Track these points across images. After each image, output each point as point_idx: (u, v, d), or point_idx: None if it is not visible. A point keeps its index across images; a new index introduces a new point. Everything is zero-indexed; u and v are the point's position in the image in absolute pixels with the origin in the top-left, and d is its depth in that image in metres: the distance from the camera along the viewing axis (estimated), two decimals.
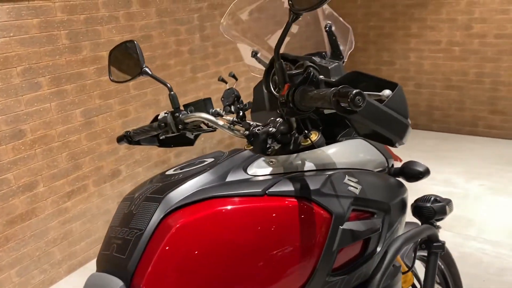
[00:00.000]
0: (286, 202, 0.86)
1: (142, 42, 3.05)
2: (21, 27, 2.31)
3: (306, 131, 1.07)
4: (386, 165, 1.16)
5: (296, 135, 1.09)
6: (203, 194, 0.85)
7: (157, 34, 3.17)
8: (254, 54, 1.38)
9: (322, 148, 1.03)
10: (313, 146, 1.04)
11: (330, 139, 1.11)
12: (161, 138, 1.31)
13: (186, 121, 1.16)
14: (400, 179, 1.18)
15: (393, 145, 0.90)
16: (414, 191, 1.39)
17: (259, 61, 1.37)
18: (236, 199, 0.85)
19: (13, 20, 2.27)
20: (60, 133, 2.58)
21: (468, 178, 3.51)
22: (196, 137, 1.35)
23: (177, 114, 1.18)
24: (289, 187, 0.88)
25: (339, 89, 0.74)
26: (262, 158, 0.97)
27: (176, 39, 3.35)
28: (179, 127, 1.19)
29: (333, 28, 1.21)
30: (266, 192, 0.87)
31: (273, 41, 1.37)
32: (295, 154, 1.00)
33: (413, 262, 1.19)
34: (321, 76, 0.93)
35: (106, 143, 2.87)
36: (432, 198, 1.20)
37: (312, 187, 0.90)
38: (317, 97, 0.81)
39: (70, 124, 2.62)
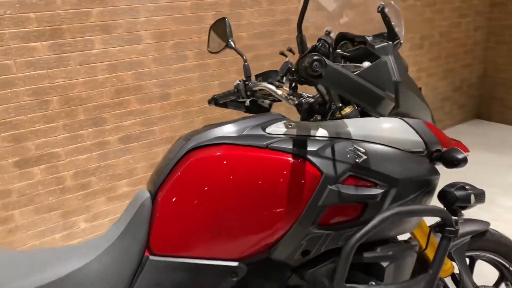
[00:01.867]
0: (282, 156, 1.00)
1: (281, 25, 3.30)
2: (176, 7, 2.80)
3: (340, 104, 1.16)
4: (424, 148, 1.16)
5: (334, 107, 1.18)
6: (219, 140, 1.04)
7: (295, 19, 3.38)
8: (328, 33, 1.48)
9: (345, 120, 1.11)
10: (343, 118, 1.13)
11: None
12: (246, 104, 1.52)
13: (254, 89, 1.34)
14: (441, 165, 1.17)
15: (374, 115, 0.94)
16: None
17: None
18: (242, 148, 1.02)
19: (170, 2, 2.76)
20: (199, 100, 3.03)
21: None
22: (270, 105, 1.52)
23: (247, 82, 1.37)
24: (288, 145, 1.01)
25: (304, 55, 0.84)
26: (283, 121, 1.10)
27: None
28: (248, 94, 1.38)
29: (386, 10, 1.24)
30: (268, 146, 1.01)
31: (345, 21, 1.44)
32: (313, 121, 1.11)
33: (427, 243, 1.17)
34: (338, 50, 1.01)
35: (237, 113, 3.23)
36: (460, 185, 1.15)
37: (309, 148, 1.00)
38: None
39: (208, 93, 3.06)
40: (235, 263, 1.00)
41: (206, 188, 0.98)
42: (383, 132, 1.11)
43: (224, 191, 0.98)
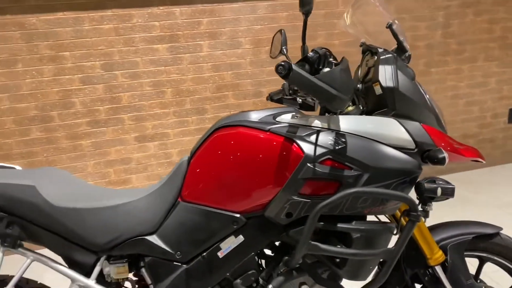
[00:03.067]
0: (277, 138, 1.33)
1: None
2: (273, 18, 3.22)
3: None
4: (414, 146, 1.35)
5: None
6: (238, 122, 1.41)
7: None
8: (361, 44, 1.70)
9: (342, 116, 1.38)
10: (344, 114, 1.41)
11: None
12: (298, 102, 1.83)
13: (294, 88, 1.66)
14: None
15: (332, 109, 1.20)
16: None
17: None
18: (251, 129, 1.37)
19: (268, 13, 3.20)
20: None
21: None
22: (314, 104, 1.82)
23: None
24: (284, 130, 1.33)
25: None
26: (292, 113, 1.42)
27: (413, 35, 3.61)
28: (290, 92, 1.72)
29: (394, 26, 1.46)
30: (270, 129, 1.35)
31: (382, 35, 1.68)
32: (316, 115, 1.41)
33: (398, 226, 1.36)
34: (331, 59, 1.29)
35: None
36: (432, 179, 1.33)
37: (299, 134, 1.31)
38: None
39: None
40: (237, 215, 1.36)
41: (221, 156, 1.37)
42: (370, 128, 1.35)
43: (233, 159, 1.35)
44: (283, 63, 1.14)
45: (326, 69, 1.22)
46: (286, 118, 1.39)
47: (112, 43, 2.96)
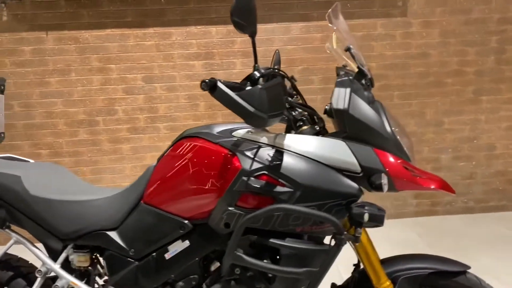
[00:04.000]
0: (223, 150, 1.40)
1: (416, 58, 3.38)
2: (307, 38, 3.28)
3: (301, 123, 1.47)
4: (360, 170, 1.35)
5: (300, 124, 1.50)
6: (198, 134, 1.51)
7: (436, 53, 3.40)
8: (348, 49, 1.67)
9: (294, 135, 1.42)
10: (299, 133, 1.45)
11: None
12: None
13: None
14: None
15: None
16: None
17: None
18: (205, 141, 1.46)
19: (302, 34, 3.26)
20: None
21: None
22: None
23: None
24: (230, 144, 1.41)
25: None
26: (248, 129, 1.49)
27: (460, 60, 3.43)
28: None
29: (352, 51, 1.46)
30: (218, 142, 1.43)
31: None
32: (265, 132, 1.46)
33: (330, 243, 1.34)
34: (275, 79, 1.34)
35: None
36: (362, 204, 1.30)
37: (241, 148, 1.38)
38: None
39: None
40: (185, 221, 1.46)
41: (175, 164, 1.48)
42: (314, 149, 1.36)
43: (183, 167, 1.45)
44: (207, 80, 1.22)
45: (248, 87, 1.27)
46: (241, 132, 1.46)
47: (153, 58, 3.24)
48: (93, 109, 3.31)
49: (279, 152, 1.35)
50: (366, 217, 1.28)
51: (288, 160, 1.34)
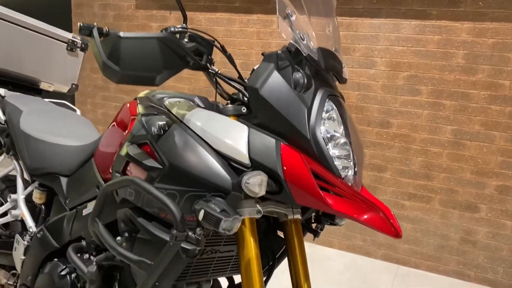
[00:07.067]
0: (133, 113, 1.30)
1: None
2: (420, 40, 2.73)
3: (228, 101, 1.26)
4: (247, 162, 1.07)
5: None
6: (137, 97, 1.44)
7: None
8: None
9: (201, 109, 1.21)
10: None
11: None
12: None
13: None
14: None
15: None
16: None
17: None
18: (133, 103, 1.38)
19: (414, 34, 2.73)
20: (423, 140, 2.83)
21: None
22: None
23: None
24: (143, 107, 1.29)
25: None
26: (179, 99, 1.33)
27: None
28: None
29: (292, 18, 1.13)
30: (140, 106, 1.33)
31: None
32: (194, 106, 1.27)
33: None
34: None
35: (471, 172, 2.75)
36: (217, 202, 0.99)
37: (144, 112, 1.25)
38: None
39: (436, 136, 2.79)
40: (102, 181, 1.41)
41: (112, 122, 1.44)
42: (209, 128, 1.11)
43: (111, 127, 1.41)
44: (86, 24, 1.12)
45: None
46: (172, 101, 1.35)
47: (252, 45, 3.21)
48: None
49: (164, 121, 1.18)
50: (201, 214, 1.01)
51: (169, 133, 1.15)
